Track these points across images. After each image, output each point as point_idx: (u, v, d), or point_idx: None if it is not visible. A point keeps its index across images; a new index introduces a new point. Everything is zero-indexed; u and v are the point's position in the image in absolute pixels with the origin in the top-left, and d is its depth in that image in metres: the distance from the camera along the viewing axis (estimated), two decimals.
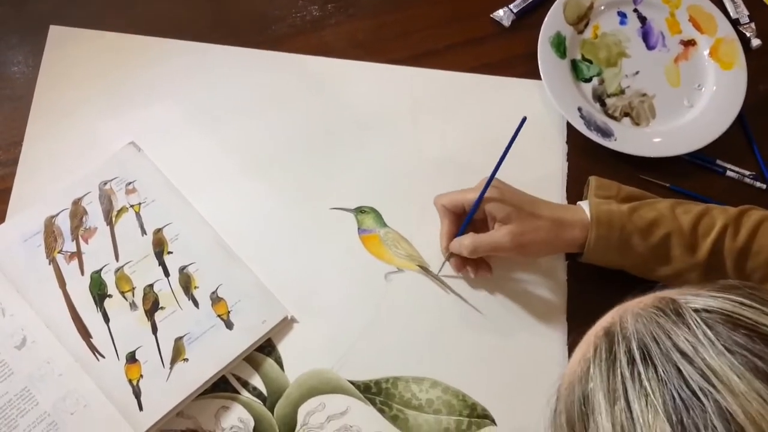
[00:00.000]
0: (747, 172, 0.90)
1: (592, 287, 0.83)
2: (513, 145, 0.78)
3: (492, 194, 0.77)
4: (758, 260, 0.75)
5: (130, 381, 0.77)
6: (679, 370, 0.41)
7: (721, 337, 0.42)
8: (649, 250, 0.76)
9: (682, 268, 0.76)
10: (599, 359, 0.46)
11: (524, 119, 0.77)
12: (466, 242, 0.78)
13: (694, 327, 0.42)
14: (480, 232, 0.80)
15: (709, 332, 0.42)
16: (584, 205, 0.79)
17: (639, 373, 0.42)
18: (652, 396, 0.41)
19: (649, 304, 0.47)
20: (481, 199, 0.77)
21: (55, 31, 0.92)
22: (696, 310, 0.44)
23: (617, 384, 0.43)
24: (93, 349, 0.78)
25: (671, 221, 0.76)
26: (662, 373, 0.41)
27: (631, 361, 0.43)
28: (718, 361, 0.40)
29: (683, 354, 0.42)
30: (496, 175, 0.78)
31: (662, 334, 0.43)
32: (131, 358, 0.78)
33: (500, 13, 0.96)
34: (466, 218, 0.80)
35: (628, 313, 0.47)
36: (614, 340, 0.46)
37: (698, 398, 0.40)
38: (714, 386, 0.40)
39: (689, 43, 0.95)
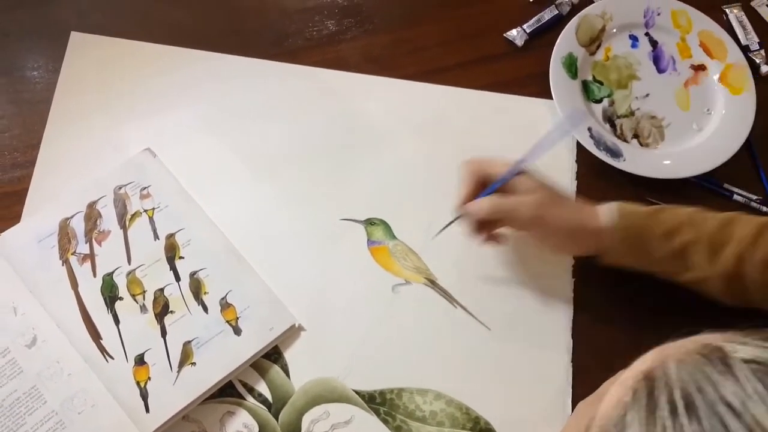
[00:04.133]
0: (754, 197, 0.91)
1: (597, 306, 0.84)
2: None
3: (523, 171, 0.78)
4: None
5: (137, 383, 0.78)
6: (725, 426, 0.39)
7: None
8: (669, 255, 0.75)
9: (703, 276, 0.75)
10: (638, 405, 0.43)
11: (573, 115, 0.77)
12: (485, 202, 0.77)
13: (744, 380, 0.40)
14: None
15: (759, 387, 0.39)
16: (608, 206, 0.78)
17: (681, 425, 0.40)
18: None
19: (692, 350, 0.44)
20: (513, 173, 0.77)
21: (75, 38, 0.94)
22: (745, 361, 0.41)
23: None
24: (102, 350, 0.79)
25: (694, 228, 0.75)
26: (707, 427, 0.39)
27: (674, 411, 0.41)
28: None
29: (730, 407, 0.39)
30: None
31: (708, 384, 0.41)
32: (140, 361, 0.79)
33: (513, 33, 0.98)
34: (489, 187, 0.79)
35: (670, 359, 0.44)
36: (655, 386, 0.43)
37: None
38: None
39: (699, 68, 0.96)
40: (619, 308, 0.84)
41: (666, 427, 0.40)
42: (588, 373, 0.81)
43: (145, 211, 0.86)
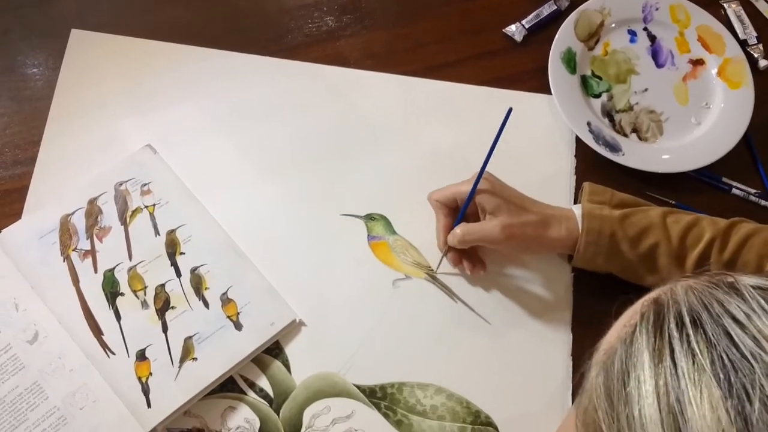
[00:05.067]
0: (752, 191, 0.91)
1: (597, 301, 0.83)
2: (504, 143, 0.79)
3: (484, 186, 0.79)
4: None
5: (139, 378, 0.78)
6: (730, 335, 0.41)
7: None
8: (637, 258, 0.78)
9: (669, 278, 0.77)
10: (646, 322, 0.45)
11: (510, 110, 0.79)
12: (457, 231, 0.80)
13: (749, 298, 0.42)
14: None
15: (763, 302, 0.42)
16: (576, 208, 0.81)
17: (688, 335, 0.42)
18: (700, 356, 0.41)
19: (701, 279, 0.46)
20: (474, 191, 0.79)
21: (76, 35, 0.94)
22: (752, 286, 0.43)
23: (664, 343, 0.43)
24: (104, 345, 0.79)
25: (661, 231, 0.77)
26: (712, 336, 0.41)
27: (680, 325, 0.43)
28: None
29: (735, 320, 0.41)
30: (487, 170, 0.80)
31: (715, 302, 0.43)
32: (141, 356, 0.79)
33: (512, 29, 0.98)
34: (460, 211, 0.81)
35: (678, 286, 0.46)
36: (663, 307, 0.45)
37: (747, 360, 0.39)
38: (764, 350, 0.39)
39: (698, 62, 0.97)
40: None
41: (672, 337, 0.42)
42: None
43: (146, 207, 0.86)
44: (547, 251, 0.85)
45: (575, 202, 0.89)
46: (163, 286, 0.82)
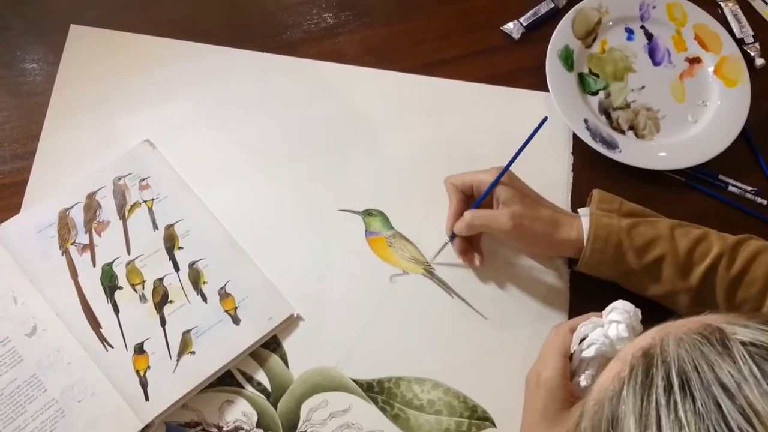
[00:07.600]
0: (748, 188, 0.92)
1: (593, 297, 0.84)
2: (529, 143, 0.80)
3: (502, 179, 0.80)
4: (750, 291, 0.75)
5: (137, 372, 0.78)
6: (719, 406, 0.39)
7: None
8: (642, 269, 0.77)
9: (672, 290, 0.78)
10: (634, 381, 0.43)
11: (545, 119, 0.80)
12: (466, 216, 0.81)
13: (741, 362, 0.40)
14: None
15: (755, 369, 0.39)
16: (584, 215, 0.80)
17: (675, 402, 0.40)
18: (686, 428, 0.39)
19: (693, 329, 0.44)
20: (495, 184, 0.79)
21: (75, 30, 0.95)
22: (743, 344, 0.41)
23: (651, 410, 0.41)
24: (102, 339, 0.80)
25: (668, 243, 0.77)
26: (700, 407, 0.39)
27: (668, 389, 0.41)
28: (762, 402, 0.38)
29: (725, 389, 0.39)
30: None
31: (705, 364, 0.41)
32: (139, 350, 0.79)
33: (510, 26, 0.98)
34: (476, 200, 0.82)
35: (670, 336, 0.44)
36: (653, 363, 0.43)
37: None
38: (754, 427, 0.38)
39: (694, 61, 0.97)
40: (616, 298, 0.84)
41: (660, 404, 0.41)
42: None
43: (144, 201, 0.86)
44: (554, 252, 0.84)
45: (572, 200, 0.89)
46: (161, 280, 0.83)
